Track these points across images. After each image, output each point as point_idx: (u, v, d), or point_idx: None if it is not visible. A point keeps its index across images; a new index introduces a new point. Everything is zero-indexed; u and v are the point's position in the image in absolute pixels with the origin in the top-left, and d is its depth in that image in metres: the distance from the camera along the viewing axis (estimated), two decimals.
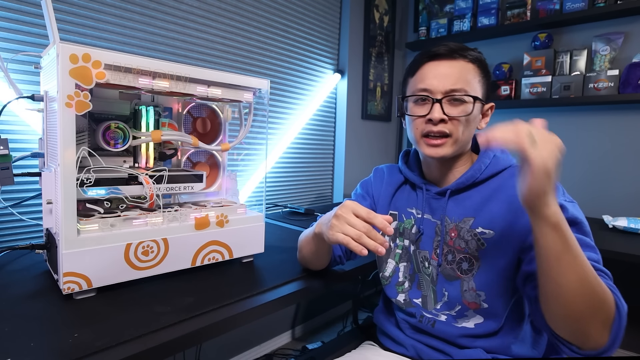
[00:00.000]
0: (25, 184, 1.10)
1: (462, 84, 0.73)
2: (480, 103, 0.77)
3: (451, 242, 0.79)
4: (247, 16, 1.67)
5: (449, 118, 0.74)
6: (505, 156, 0.80)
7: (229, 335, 1.70)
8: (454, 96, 0.73)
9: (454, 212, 0.79)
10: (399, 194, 0.90)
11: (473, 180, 0.78)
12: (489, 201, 0.76)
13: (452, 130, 0.75)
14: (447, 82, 0.73)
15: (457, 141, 0.76)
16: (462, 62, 0.75)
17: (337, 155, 2.25)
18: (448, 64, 0.75)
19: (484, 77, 0.77)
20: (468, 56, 0.75)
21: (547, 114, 2.06)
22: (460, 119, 0.74)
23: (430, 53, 0.76)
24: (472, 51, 0.76)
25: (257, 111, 1.49)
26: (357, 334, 1.08)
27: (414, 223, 0.85)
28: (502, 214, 0.73)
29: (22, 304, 0.70)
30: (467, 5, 2.18)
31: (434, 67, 0.75)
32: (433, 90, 0.74)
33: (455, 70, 0.74)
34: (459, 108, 0.74)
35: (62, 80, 0.66)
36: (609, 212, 1.79)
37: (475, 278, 0.75)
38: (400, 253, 0.88)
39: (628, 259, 1.18)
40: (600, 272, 0.61)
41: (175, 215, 0.85)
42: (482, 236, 0.75)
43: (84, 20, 1.20)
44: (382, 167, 0.98)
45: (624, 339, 0.58)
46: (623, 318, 0.57)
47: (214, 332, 0.68)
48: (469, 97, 0.74)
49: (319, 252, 0.83)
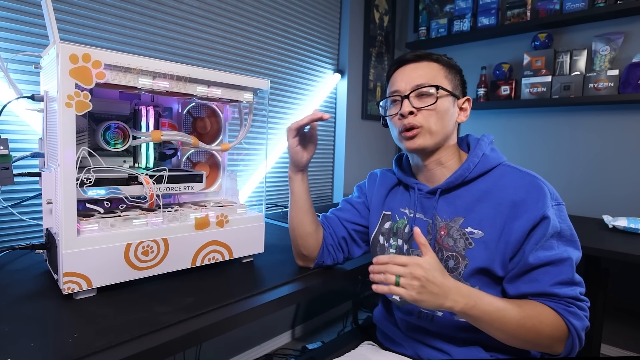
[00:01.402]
0: (25, 184, 1.10)
1: (426, 79, 0.79)
2: (451, 96, 0.81)
3: (440, 240, 0.80)
4: (247, 16, 1.67)
5: (417, 109, 0.79)
6: (494, 154, 0.82)
7: (229, 335, 1.70)
8: (420, 91, 0.79)
9: (445, 211, 0.81)
10: (392, 195, 0.92)
11: (462, 179, 0.80)
12: (480, 202, 0.77)
13: (422, 121, 0.79)
14: (413, 80, 0.80)
15: (430, 131, 0.79)
16: (426, 63, 0.81)
17: (337, 155, 2.25)
18: (414, 66, 0.82)
19: (450, 73, 0.82)
20: (432, 57, 0.82)
21: (547, 114, 2.06)
22: (430, 110, 0.79)
23: (399, 60, 0.84)
24: (438, 55, 0.83)
25: (257, 111, 1.48)
26: (357, 334, 1.08)
27: (407, 223, 0.86)
28: (494, 216, 0.75)
29: (22, 304, 0.70)
30: (467, 5, 2.18)
31: (401, 71, 0.83)
32: (401, 89, 0.81)
33: (420, 69, 0.81)
34: (425, 100, 0.79)
35: (62, 80, 0.66)
36: (609, 212, 1.79)
37: (464, 275, 0.76)
38: (394, 252, 0.89)
39: (628, 259, 1.18)
40: (561, 299, 0.70)
41: (175, 215, 0.85)
42: (470, 236, 0.77)
43: (84, 20, 1.20)
44: (376, 171, 1.01)
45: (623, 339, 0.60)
46: (575, 336, 0.68)
47: (214, 332, 0.68)
48: (432, 88, 0.79)
49: (298, 203, 0.91)
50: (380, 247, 0.91)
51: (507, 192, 0.75)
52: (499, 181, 0.78)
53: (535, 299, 0.71)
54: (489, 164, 0.80)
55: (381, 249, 0.91)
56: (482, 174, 0.80)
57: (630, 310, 1.85)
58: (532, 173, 0.77)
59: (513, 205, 0.73)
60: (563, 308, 0.69)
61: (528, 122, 2.11)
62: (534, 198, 0.72)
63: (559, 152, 2.03)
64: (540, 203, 0.71)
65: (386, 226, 0.90)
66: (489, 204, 0.76)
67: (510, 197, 0.74)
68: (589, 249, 1.23)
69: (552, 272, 0.70)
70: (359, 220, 0.96)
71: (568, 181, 2.00)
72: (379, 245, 0.91)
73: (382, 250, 0.91)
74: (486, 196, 0.77)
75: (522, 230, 0.71)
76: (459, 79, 0.84)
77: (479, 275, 0.76)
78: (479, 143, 0.83)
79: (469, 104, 0.85)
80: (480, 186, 0.79)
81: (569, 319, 0.68)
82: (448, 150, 0.83)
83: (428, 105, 0.78)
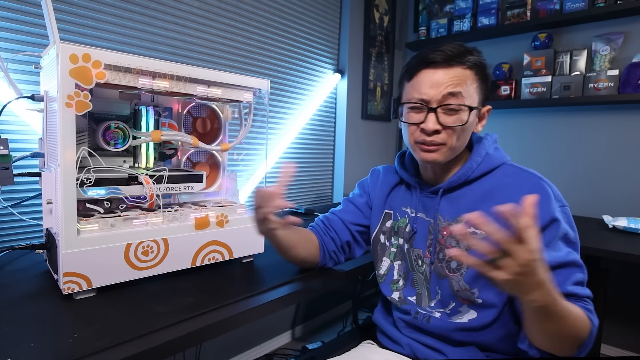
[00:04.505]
0: (25, 184, 1.10)
1: (457, 94, 0.72)
2: (477, 110, 0.76)
3: (443, 240, 0.80)
4: (247, 16, 1.67)
5: (443, 127, 0.73)
6: (498, 154, 0.80)
7: (229, 335, 1.70)
8: (449, 106, 0.72)
9: (447, 211, 0.80)
10: (394, 194, 0.91)
11: (465, 179, 0.78)
12: (483, 202, 0.76)
13: (446, 139, 0.74)
14: (443, 89, 0.72)
15: (451, 148, 0.75)
16: (459, 70, 0.73)
17: (337, 155, 2.25)
18: (444, 72, 0.73)
19: (482, 82, 0.76)
20: (466, 62, 0.73)
21: (547, 114, 2.05)
22: (455, 128, 0.74)
23: (427, 59, 0.74)
24: (471, 55, 0.74)
25: (257, 111, 1.48)
26: (357, 333, 1.08)
27: (408, 222, 0.86)
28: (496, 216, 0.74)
29: (22, 304, 0.70)
30: (467, 5, 2.18)
31: (430, 74, 0.74)
32: (428, 99, 0.73)
33: (451, 79, 0.72)
34: (453, 117, 0.73)
35: (62, 80, 0.66)
36: (609, 212, 1.79)
37: (466, 277, 0.76)
38: (395, 251, 0.89)
39: (628, 259, 1.18)
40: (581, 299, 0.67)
41: (175, 215, 0.85)
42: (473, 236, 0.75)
43: (84, 20, 1.20)
44: (378, 168, 0.99)
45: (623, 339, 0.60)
46: (593, 336, 0.64)
47: (214, 332, 0.68)
48: (464, 107, 0.73)
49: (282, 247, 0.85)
50: (381, 246, 0.91)
51: (511, 192, 0.74)
52: (502, 181, 0.77)
53: None
54: (492, 163, 0.78)
55: (382, 249, 0.91)
56: (485, 173, 0.78)
57: (630, 310, 1.85)
58: (536, 173, 0.76)
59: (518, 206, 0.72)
60: (584, 307, 0.66)
61: (528, 122, 2.11)
62: (541, 200, 0.70)
63: (559, 152, 2.03)
64: (547, 205, 0.70)
65: (387, 225, 0.90)
66: (492, 204, 0.73)
67: (514, 198, 0.72)
68: (589, 249, 1.23)
69: (564, 273, 0.69)
70: (362, 221, 0.95)
71: (568, 181, 2.00)
72: (380, 244, 0.91)
73: (383, 249, 0.91)
74: (489, 196, 0.76)
75: None
76: (488, 85, 0.78)
77: (482, 277, 0.74)
78: (483, 142, 0.81)
79: (488, 113, 0.80)
80: (483, 186, 0.78)
81: (591, 318, 0.65)
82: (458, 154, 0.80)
83: (457, 125, 0.73)
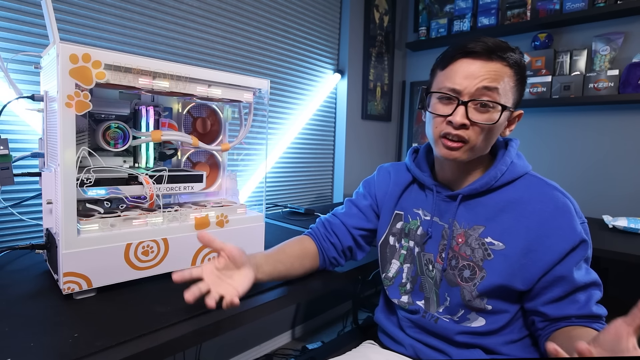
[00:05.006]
0: (25, 184, 1.10)
1: (493, 89, 0.67)
2: (509, 111, 0.72)
3: (457, 247, 0.77)
4: (247, 16, 1.67)
5: (471, 123, 0.69)
6: (521, 162, 0.77)
7: (228, 335, 1.70)
8: (482, 101, 0.68)
9: (464, 218, 0.76)
10: (407, 194, 0.87)
11: (488, 187, 0.75)
12: (503, 212, 0.73)
13: (471, 136, 0.70)
14: (478, 83, 0.67)
15: (473, 148, 0.71)
16: (499, 65, 0.68)
17: (337, 155, 2.25)
18: (482, 65, 0.68)
19: (519, 84, 0.71)
20: (507, 59, 0.68)
21: (547, 114, 2.05)
22: (484, 127, 0.69)
23: (466, 49, 0.68)
24: (513, 52, 0.69)
25: (257, 111, 1.48)
26: (357, 334, 1.08)
27: (419, 224, 0.83)
28: (517, 229, 0.71)
29: (22, 304, 0.70)
30: (467, 5, 2.18)
31: (466, 65, 0.68)
32: (461, 90, 0.68)
33: (489, 72, 0.67)
34: (484, 115, 0.69)
35: (62, 80, 0.66)
36: (609, 212, 1.79)
37: (479, 287, 0.73)
38: (405, 254, 0.86)
39: (628, 259, 1.18)
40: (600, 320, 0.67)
41: (175, 215, 0.85)
42: (490, 247, 0.73)
43: (84, 20, 1.20)
44: (387, 165, 0.94)
45: None
46: None
47: (214, 332, 0.68)
48: (497, 105, 0.68)
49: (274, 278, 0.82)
50: (390, 249, 0.88)
51: (533, 206, 0.71)
52: (524, 192, 0.73)
53: (580, 321, 0.68)
54: (516, 172, 0.75)
55: (391, 251, 0.88)
56: (508, 182, 0.75)
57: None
58: (557, 186, 0.74)
59: (541, 222, 0.69)
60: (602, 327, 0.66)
61: (528, 122, 2.11)
62: (568, 218, 0.69)
63: (559, 152, 2.03)
64: (574, 224, 0.69)
65: (398, 226, 0.87)
66: (513, 216, 0.72)
67: (537, 212, 0.70)
68: None
69: (588, 294, 0.69)
70: (365, 225, 0.91)
71: (568, 181, 2.00)
72: (389, 247, 0.88)
73: (393, 252, 0.87)
74: (510, 207, 0.73)
75: (559, 250, 0.68)
76: (524, 88, 0.73)
77: (497, 292, 0.72)
78: (508, 149, 0.77)
79: (519, 118, 0.76)
80: (504, 196, 0.74)
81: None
82: (480, 157, 0.77)
83: (486, 124, 0.69)
